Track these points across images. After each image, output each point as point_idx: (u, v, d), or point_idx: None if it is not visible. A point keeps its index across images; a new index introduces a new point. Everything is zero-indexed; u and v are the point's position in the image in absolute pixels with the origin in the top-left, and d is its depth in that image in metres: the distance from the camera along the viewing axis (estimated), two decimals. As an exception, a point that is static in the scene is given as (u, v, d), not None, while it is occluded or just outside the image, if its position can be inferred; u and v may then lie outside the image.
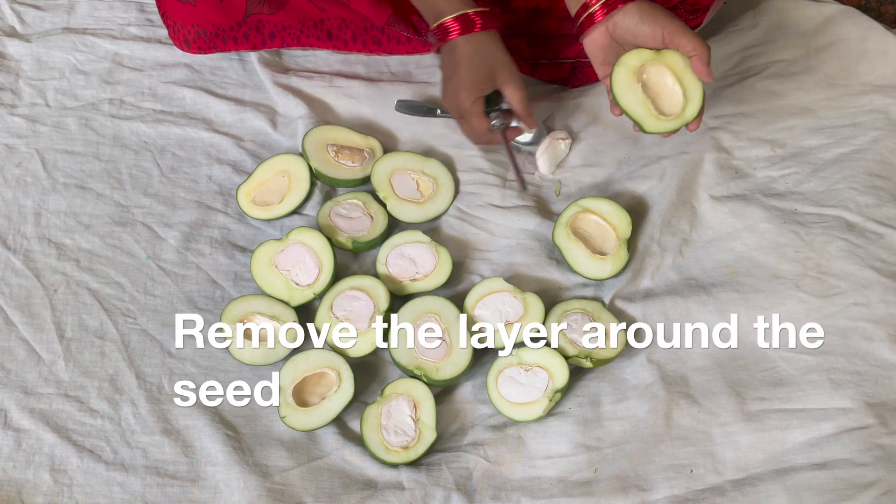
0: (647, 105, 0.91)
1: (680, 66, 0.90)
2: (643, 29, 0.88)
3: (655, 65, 0.90)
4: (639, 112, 0.91)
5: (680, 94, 0.90)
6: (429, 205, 1.03)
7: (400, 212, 1.03)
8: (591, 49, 0.94)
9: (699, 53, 0.87)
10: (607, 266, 0.97)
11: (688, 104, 0.90)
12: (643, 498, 0.82)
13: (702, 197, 1.00)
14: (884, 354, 0.85)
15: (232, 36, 1.09)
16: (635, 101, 0.91)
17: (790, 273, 0.92)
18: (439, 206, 1.04)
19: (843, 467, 0.80)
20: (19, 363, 0.93)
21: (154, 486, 0.86)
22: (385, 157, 1.05)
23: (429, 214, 1.03)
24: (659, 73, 0.90)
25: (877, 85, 1.05)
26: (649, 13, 0.88)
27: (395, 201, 1.03)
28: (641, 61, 0.90)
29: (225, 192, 1.06)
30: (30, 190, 1.04)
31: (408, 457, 0.88)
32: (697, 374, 0.89)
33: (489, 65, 0.97)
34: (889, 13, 1.25)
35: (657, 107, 0.91)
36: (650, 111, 0.91)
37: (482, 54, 0.96)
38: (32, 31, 1.17)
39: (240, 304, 0.95)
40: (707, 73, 0.88)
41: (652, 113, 0.91)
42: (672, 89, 0.90)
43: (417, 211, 1.03)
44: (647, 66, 0.90)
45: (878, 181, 0.96)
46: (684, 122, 0.90)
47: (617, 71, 0.90)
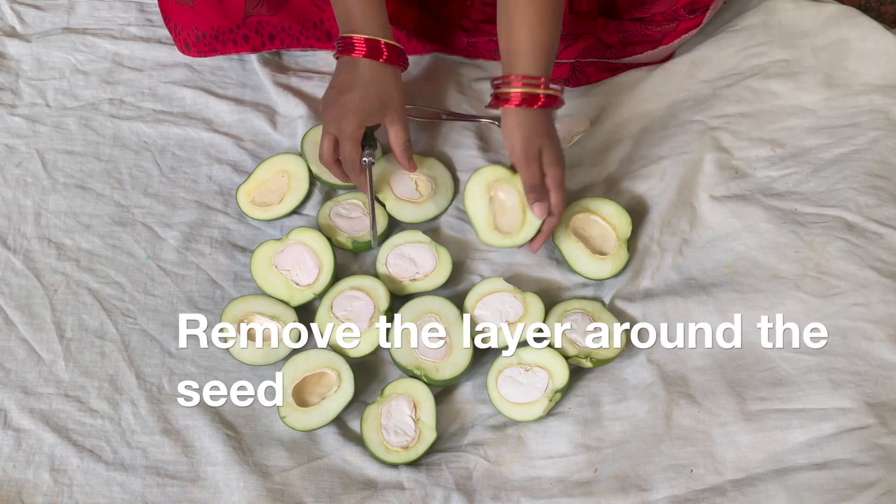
0: (489, 218, 0.96)
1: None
2: (506, 136, 0.92)
3: (507, 185, 0.96)
4: (479, 221, 0.97)
5: (519, 218, 0.95)
6: (428, 204, 1.03)
7: (399, 212, 1.03)
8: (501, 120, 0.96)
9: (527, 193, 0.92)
10: (607, 266, 0.97)
11: (523, 228, 0.95)
12: (643, 498, 0.82)
13: (702, 197, 1.00)
14: (884, 354, 0.85)
15: (231, 38, 1.09)
16: (480, 210, 0.97)
17: (790, 273, 0.92)
18: (439, 206, 1.04)
19: (843, 467, 0.79)
20: (19, 363, 0.93)
21: (154, 486, 0.86)
22: (383, 159, 1.05)
23: (428, 214, 1.03)
24: (508, 193, 0.96)
25: (877, 85, 1.04)
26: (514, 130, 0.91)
27: (395, 202, 1.03)
28: (496, 177, 0.97)
29: (225, 192, 1.06)
30: (30, 190, 1.04)
31: (408, 457, 0.88)
32: (697, 374, 0.89)
33: (382, 99, 0.95)
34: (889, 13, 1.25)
35: (497, 221, 0.96)
36: (489, 223, 0.96)
37: (379, 87, 0.94)
38: (32, 31, 1.17)
39: (240, 304, 0.95)
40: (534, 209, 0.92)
41: (490, 225, 0.96)
42: (513, 210, 0.96)
43: (417, 211, 1.03)
44: (501, 182, 0.96)
45: (878, 181, 0.96)
46: (514, 244, 0.95)
47: (473, 179, 0.97)
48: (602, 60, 1.11)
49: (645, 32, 1.08)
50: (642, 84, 1.12)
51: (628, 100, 1.11)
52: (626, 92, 1.12)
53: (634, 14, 1.07)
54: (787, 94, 1.06)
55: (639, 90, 1.12)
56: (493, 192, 0.97)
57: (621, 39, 1.08)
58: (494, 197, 0.97)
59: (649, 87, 1.11)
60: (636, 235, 1.00)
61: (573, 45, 1.09)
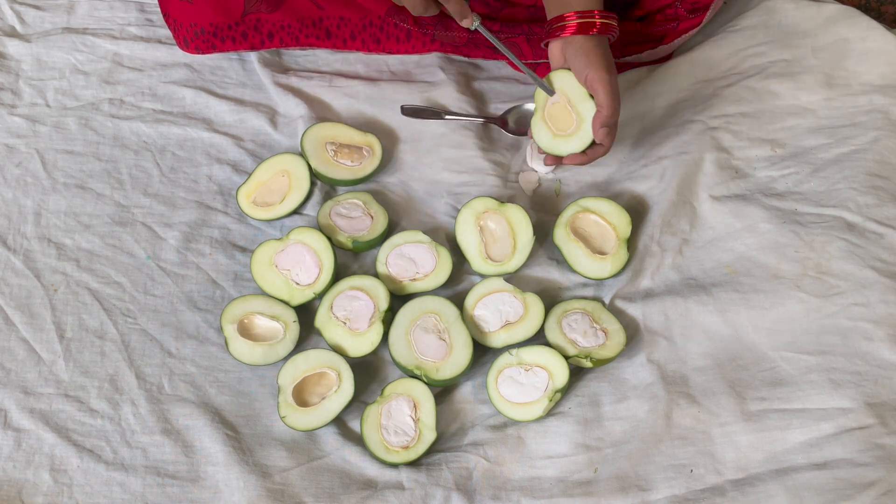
0: (480, 247, 0.98)
1: (516, 220, 0.98)
2: (576, 63, 0.92)
3: (496, 214, 0.99)
4: (471, 251, 0.99)
5: (510, 246, 0.98)
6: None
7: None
8: (550, 55, 0.97)
9: (602, 110, 0.90)
10: (607, 266, 0.97)
11: (513, 256, 0.98)
12: (643, 498, 0.82)
13: (702, 197, 1.00)
14: (884, 354, 0.85)
15: (230, 35, 1.09)
16: (471, 240, 0.99)
17: (790, 273, 0.92)
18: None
19: (843, 467, 0.80)
20: (19, 363, 0.93)
21: (154, 486, 0.86)
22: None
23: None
24: (497, 222, 0.99)
25: (877, 85, 1.04)
26: (590, 53, 0.91)
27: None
28: (486, 208, 0.99)
29: (225, 192, 1.06)
30: (30, 190, 1.04)
31: (408, 457, 0.88)
32: (697, 374, 0.89)
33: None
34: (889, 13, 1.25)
35: (488, 251, 0.98)
36: (480, 253, 0.98)
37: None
38: (32, 31, 1.17)
39: (240, 304, 0.95)
40: (599, 132, 0.91)
41: (481, 254, 0.98)
42: (503, 240, 0.98)
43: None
44: (489, 212, 0.99)
45: (878, 181, 0.96)
46: (506, 272, 0.98)
47: (463, 212, 1.00)
48: (602, 60, 1.11)
49: (645, 32, 1.08)
50: (642, 84, 1.12)
51: (628, 99, 1.11)
52: (626, 91, 1.12)
53: (634, 13, 1.07)
54: (787, 94, 1.06)
55: (639, 90, 1.12)
56: (482, 223, 0.99)
57: (621, 39, 1.08)
58: (484, 227, 0.99)
59: (649, 87, 1.11)
60: (636, 235, 1.00)
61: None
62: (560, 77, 0.95)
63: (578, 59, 0.91)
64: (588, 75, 0.91)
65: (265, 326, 0.95)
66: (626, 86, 1.12)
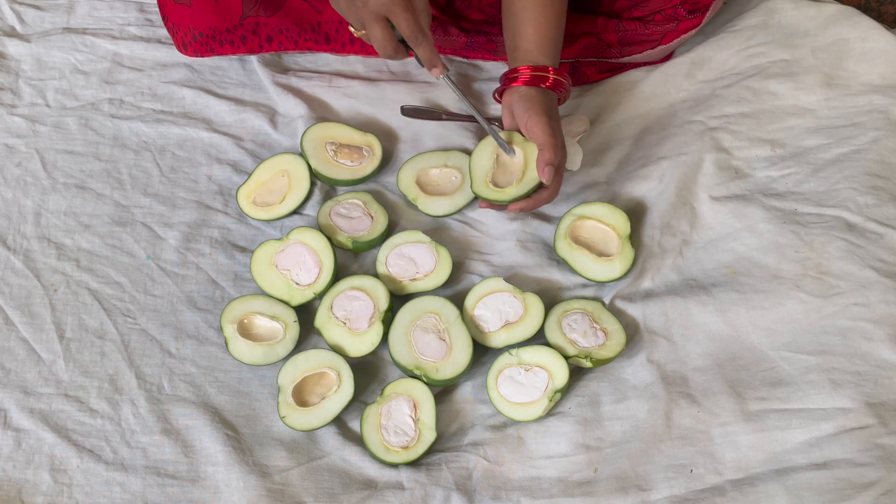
0: (489, 172, 0.97)
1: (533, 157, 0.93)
2: (517, 108, 0.93)
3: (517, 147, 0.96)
4: (478, 174, 0.97)
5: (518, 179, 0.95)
6: (458, 195, 1.04)
7: (432, 209, 1.03)
8: (502, 105, 0.97)
9: (544, 150, 0.91)
10: (616, 266, 0.97)
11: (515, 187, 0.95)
12: (643, 498, 0.82)
13: (702, 197, 1.00)
14: (884, 354, 0.85)
15: (228, 39, 1.09)
16: (482, 165, 0.97)
17: (790, 273, 0.92)
18: (469, 194, 1.03)
19: (843, 467, 0.80)
20: (19, 363, 0.93)
21: (154, 486, 0.86)
22: (408, 163, 1.05)
23: (459, 204, 1.03)
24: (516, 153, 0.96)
25: (877, 85, 1.04)
26: (532, 99, 0.92)
27: (425, 200, 1.03)
28: (510, 139, 0.96)
29: (225, 192, 1.06)
30: (30, 190, 1.04)
31: (408, 457, 0.88)
32: (697, 374, 0.89)
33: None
34: (889, 13, 1.25)
35: (494, 177, 0.96)
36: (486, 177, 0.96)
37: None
38: (32, 31, 1.17)
39: (240, 304, 0.95)
40: (545, 171, 0.91)
41: (486, 178, 0.96)
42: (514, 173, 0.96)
43: (448, 203, 1.03)
44: (512, 144, 0.96)
45: (878, 181, 0.96)
46: (501, 199, 0.95)
47: (487, 138, 0.97)
48: (601, 60, 1.11)
49: (644, 32, 1.08)
50: (642, 84, 1.12)
51: (628, 100, 1.11)
52: (626, 92, 1.12)
53: (634, 13, 1.07)
54: (786, 94, 1.06)
55: (638, 90, 1.12)
56: (500, 153, 0.97)
57: (621, 39, 1.08)
58: (501, 157, 0.97)
59: (649, 87, 1.11)
60: (636, 236, 1.00)
61: (572, 45, 1.09)
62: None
63: (519, 105, 0.93)
64: (528, 120, 0.92)
65: (265, 326, 0.95)
66: (627, 86, 1.12)
